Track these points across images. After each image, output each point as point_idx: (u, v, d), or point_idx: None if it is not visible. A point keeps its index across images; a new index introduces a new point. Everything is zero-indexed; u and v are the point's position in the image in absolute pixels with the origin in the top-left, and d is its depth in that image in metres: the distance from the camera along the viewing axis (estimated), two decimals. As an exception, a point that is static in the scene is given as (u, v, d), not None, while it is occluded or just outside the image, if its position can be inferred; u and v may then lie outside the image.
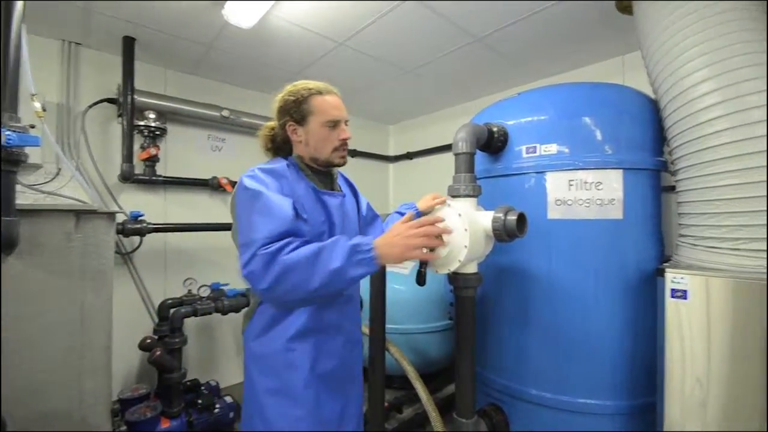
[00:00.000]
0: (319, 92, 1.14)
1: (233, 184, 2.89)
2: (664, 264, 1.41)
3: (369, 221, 1.44)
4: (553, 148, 1.56)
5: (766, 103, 1.23)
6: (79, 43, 2.37)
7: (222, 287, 2.64)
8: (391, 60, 2.45)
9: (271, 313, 1.13)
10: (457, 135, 1.53)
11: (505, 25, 2.05)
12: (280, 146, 1.22)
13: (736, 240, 1.28)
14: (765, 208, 1.22)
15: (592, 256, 1.53)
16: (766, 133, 1.22)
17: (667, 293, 1.33)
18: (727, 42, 1.31)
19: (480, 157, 1.77)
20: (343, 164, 1.20)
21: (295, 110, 1.13)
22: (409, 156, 3.97)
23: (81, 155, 2.39)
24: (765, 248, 1.23)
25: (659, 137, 1.57)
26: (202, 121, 2.84)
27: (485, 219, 1.34)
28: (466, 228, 1.32)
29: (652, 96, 1.61)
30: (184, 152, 2.84)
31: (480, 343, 1.77)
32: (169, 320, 2.35)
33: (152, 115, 2.58)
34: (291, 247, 0.93)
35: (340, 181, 1.31)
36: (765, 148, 1.22)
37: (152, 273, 2.64)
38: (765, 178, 1.22)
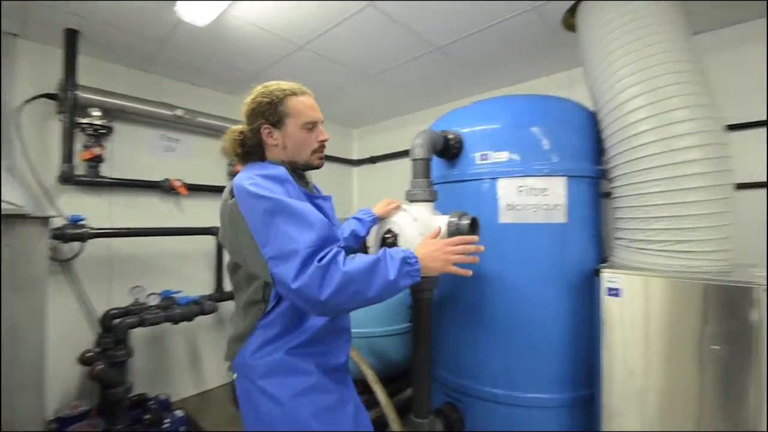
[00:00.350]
0: (294, 93, 1.10)
1: (189, 186, 2.78)
2: (601, 264, 1.53)
3: (333, 222, 1.45)
4: (504, 156, 1.64)
5: (688, 118, 1.37)
6: (16, 35, 2.19)
7: (173, 295, 2.51)
8: (353, 65, 2.48)
9: (283, 323, 1.04)
10: (414, 141, 1.58)
11: (464, 36, 2.13)
12: (251, 151, 1.15)
13: (663, 242, 1.41)
14: (687, 214, 1.36)
15: (539, 257, 1.62)
16: (689, 146, 1.36)
17: (603, 291, 1.44)
18: (656, 62, 1.45)
19: (438, 163, 1.83)
20: (321, 166, 1.17)
21: (271, 112, 1.08)
22: (373, 160, 4.00)
23: (14, 154, 2.19)
24: (688, 249, 1.37)
25: (598, 147, 1.70)
26: (153, 120, 2.71)
27: (440, 223, 1.39)
28: (421, 232, 1.36)
29: (593, 109, 1.74)
30: (132, 152, 2.68)
31: (438, 344, 1.82)
32: (113, 331, 2.20)
33: (97, 113, 2.42)
34: (342, 256, 0.92)
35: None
36: (687, 159, 1.36)
37: (96, 281, 2.46)
38: (685, 187, 1.36)
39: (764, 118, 1.93)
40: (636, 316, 1.38)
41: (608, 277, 1.42)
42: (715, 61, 1.98)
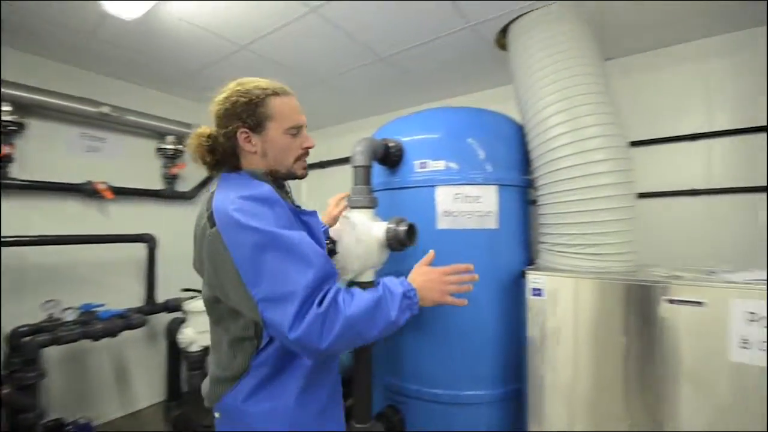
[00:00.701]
0: (276, 93, 0.97)
1: (116, 190, 2.57)
2: (527, 267, 1.65)
3: None
4: (441, 164, 1.72)
5: (600, 134, 1.54)
6: None
7: (95, 309, 2.30)
8: (298, 68, 2.46)
9: (281, 362, 0.94)
10: (355, 149, 1.60)
11: (406, 48, 2.20)
12: (222, 159, 0.98)
13: (578, 245, 1.56)
14: (597, 220, 1.52)
15: (473, 262, 1.69)
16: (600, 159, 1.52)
17: (529, 292, 1.56)
18: (573, 83, 1.61)
19: (381, 170, 1.87)
20: (305, 176, 1.05)
21: (250, 114, 0.93)
22: (322, 165, 3.97)
23: None
24: (599, 252, 1.53)
25: (526, 159, 1.84)
26: (75, 117, 2.47)
27: (379, 229, 1.42)
28: (361, 238, 1.38)
29: (522, 123, 1.88)
30: (50, 152, 2.43)
31: (381, 349, 1.84)
32: (22, 351, 1.97)
33: (7, 108, 2.17)
34: (342, 295, 0.83)
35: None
36: (598, 171, 1.52)
37: (4, 295, 2.18)
38: (596, 196, 1.52)
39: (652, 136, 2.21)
40: (556, 313, 1.51)
41: (532, 279, 1.54)
42: (623, 84, 2.25)
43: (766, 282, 1.18)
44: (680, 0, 1.76)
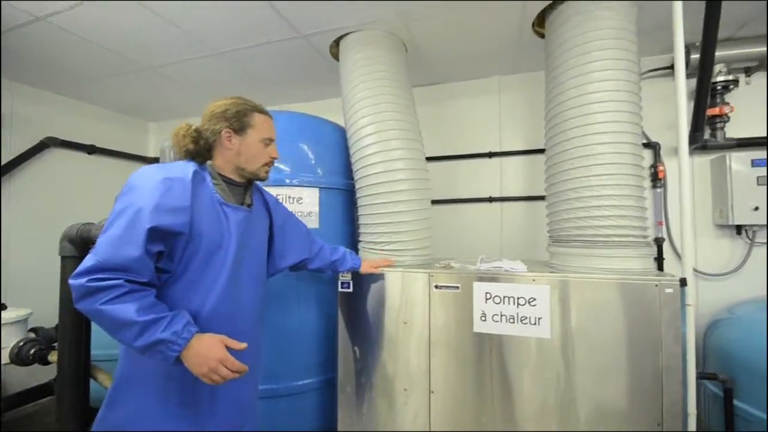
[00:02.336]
0: (260, 111, 1.22)
1: None
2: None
3: (287, 233, 1.43)
4: (263, 166, 1.77)
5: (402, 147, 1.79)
6: None
7: None
8: (124, 52, 2.23)
9: None
10: (164, 143, 1.54)
11: (245, 47, 2.19)
12: (200, 151, 1.15)
13: (382, 243, 1.78)
14: (398, 221, 1.76)
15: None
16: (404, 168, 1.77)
17: (339, 285, 1.72)
18: (383, 101, 1.83)
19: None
20: (267, 179, 1.26)
21: (236, 120, 1.16)
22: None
23: None
24: (398, 248, 1.77)
25: (350, 165, 2.02)
26: None
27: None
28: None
29: (349, 132, 2.05)
30: None
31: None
32: None
33: None
34: (115, 293, 0.89)
35: (255, 197, 1.30)
36: (400, 179, 1.77)
37: None
38: (397, 200, 1.76)
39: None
40: (360, 303, 1.71)
41: (342, 273, 1.71)
42: (445, 106, 2.65)
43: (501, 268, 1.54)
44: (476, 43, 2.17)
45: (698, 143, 2.14)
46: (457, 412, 1.54)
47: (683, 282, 1.32)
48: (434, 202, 2.24)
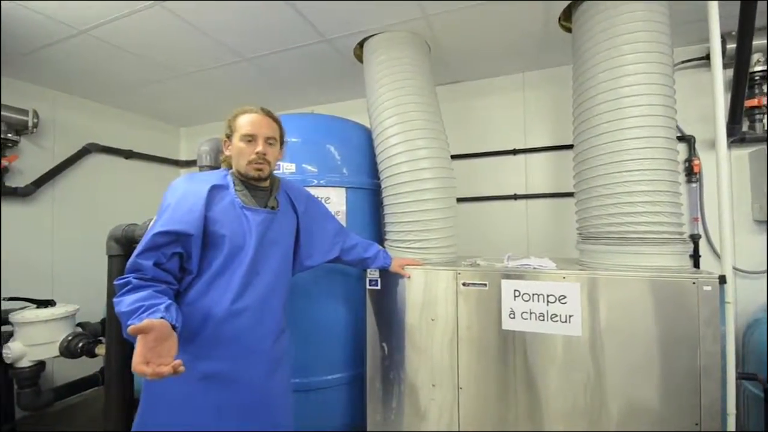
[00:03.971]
0: (245, 112, 1.24)
1: None
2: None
3: (314, 234, 1.45)
4: (292, 167, 1.83)
5: (428, 146, 1.80)
6: None
7: None
8: (158, 60, 2.33)
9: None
10: (201, 148, 1.62)
11: (270, 53, 2.26)
12: (226, 160, 1.29)
13: (410, 241, 1.80)
14: (425, 219, 1.78)
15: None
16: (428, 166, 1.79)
17: (367, 283, 1.75)
18: (407, 101, 1.86)
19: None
20: (259, 177, 1.24)
21: (228, 127, 1.25)
22: (188, 164, 3.79)
23: None
24: (425, 246, 1.79)
25: (376, 165, 2.05)
26: None
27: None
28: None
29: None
30: None
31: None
32: None
33: None
34: (130, 287, 1.01)
35: (282, 197, 1.33)
36: (426, 177, 1.78)
37: None
38: (424, 198, 1.78)
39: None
40: (388, 300, 1.73)
41: (369, 271, 1.74)
42: (466, 105, 2.64)
43: (530, 266, 1.54)
44: (499, 39, 2.16)
45: (736, 136, 2.05)
46: (486, 408, 1.55)
47: (722, 279, 1.28)
48: (459, 200, 2.25)
